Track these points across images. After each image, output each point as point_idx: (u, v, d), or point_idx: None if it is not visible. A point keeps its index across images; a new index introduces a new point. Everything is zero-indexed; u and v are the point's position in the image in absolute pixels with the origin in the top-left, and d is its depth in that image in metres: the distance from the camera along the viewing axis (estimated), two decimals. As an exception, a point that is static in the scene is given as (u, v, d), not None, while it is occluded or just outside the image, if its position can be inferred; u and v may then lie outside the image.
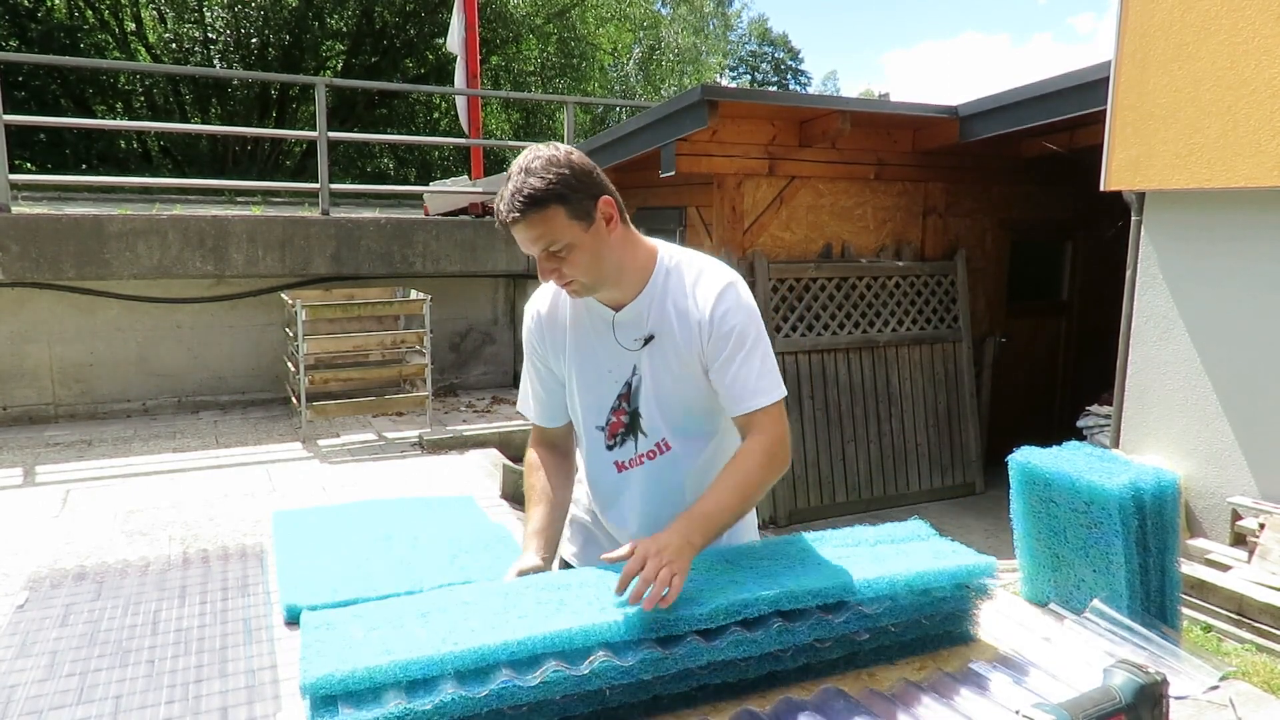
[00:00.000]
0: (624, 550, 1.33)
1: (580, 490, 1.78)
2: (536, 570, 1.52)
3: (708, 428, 1.61)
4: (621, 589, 1.29)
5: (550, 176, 1.38)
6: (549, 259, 1.44)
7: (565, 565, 1.84)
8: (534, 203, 1.37)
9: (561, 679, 1.20)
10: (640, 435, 1.61)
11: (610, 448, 1.64)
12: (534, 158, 1.41)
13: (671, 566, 1.27)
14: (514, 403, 4.09)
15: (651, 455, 1.61)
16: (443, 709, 1.15)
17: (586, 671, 1.22)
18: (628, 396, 1.60)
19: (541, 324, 1.66)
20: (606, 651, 1.24)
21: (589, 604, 1.31)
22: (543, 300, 1.67)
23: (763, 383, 1.48)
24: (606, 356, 1.60)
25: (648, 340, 1.55)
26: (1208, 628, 3.34)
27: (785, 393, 1.51)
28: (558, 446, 1.74)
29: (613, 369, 1.60)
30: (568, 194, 1.39)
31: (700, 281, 1.53)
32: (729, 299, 1.50)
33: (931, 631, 1.46)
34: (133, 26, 17.06)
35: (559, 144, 1.46)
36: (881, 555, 1.51)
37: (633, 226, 1.56)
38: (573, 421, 1.71)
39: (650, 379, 1.57)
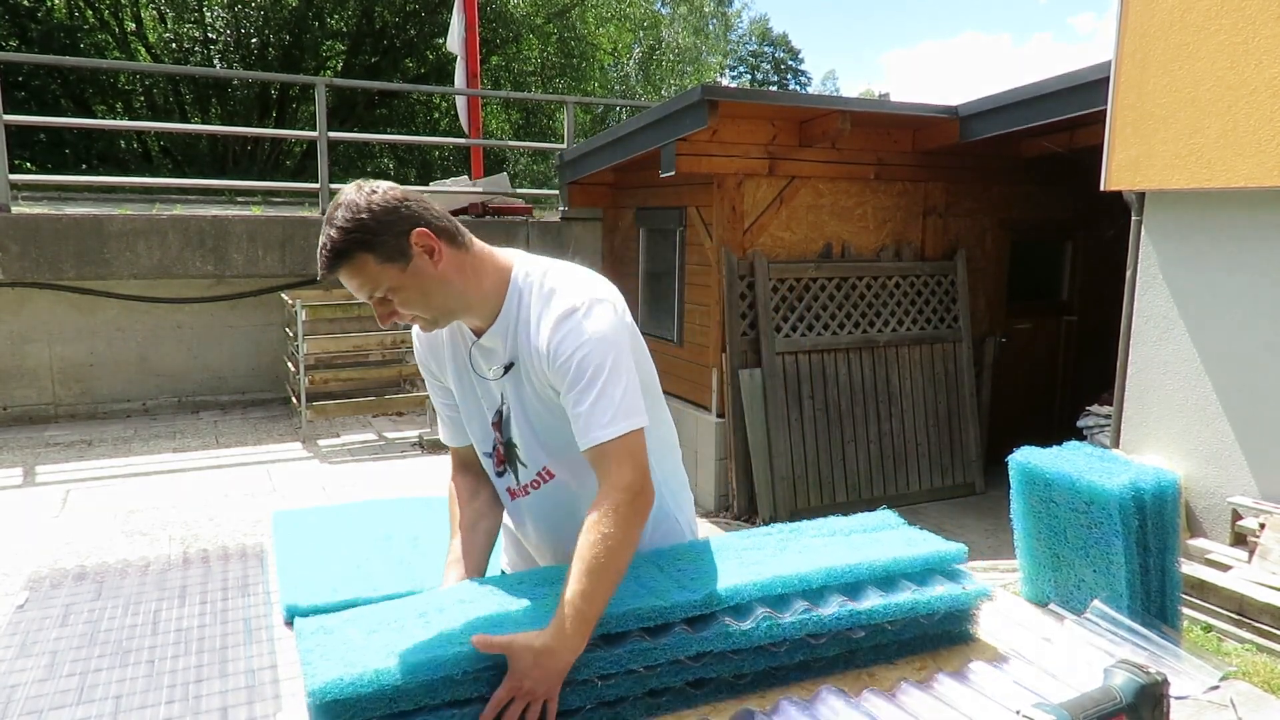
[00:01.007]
0: (496, 640, 1.20)
1: None
2: None
3: None
4: None
5: (348, 225, 1.30)
6: (379, 304, 1.38)
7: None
8: (338, 256, 1.31)
9: None
10: (520, 465, 1.54)
11: (500, 475, 1.59)
12: (335, 206, 1.32)
13: (536, 707, 1.20)
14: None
15: (536, 485, 1.55)
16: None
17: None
18: (500, 426, 1.53)
19: (425, 342, 1.60)
20: (598, 641, 1.27)
21: None
22: None
23: (606, 415, 1.33)
24: (477, 383, 1.53)
25: (508, 368, 1.47)
26: (1208, 628, 3.34)
27: (639, 424, 1.36)
28: (471, 468, 1.65)
29: (483, 395, 1.54)
30: (370, 239, 1.31)
31: (548, 305, 1.41)
32: (567, 327, 1.37)
33: (931, 631, 1.47)
34: (133, 26, 17.05)
35: (366, 182, 1.36)
36: (856, 544, 1.55)
37: (478, 246, 1.45)
38: None
39: (518, 408, 1.50)
